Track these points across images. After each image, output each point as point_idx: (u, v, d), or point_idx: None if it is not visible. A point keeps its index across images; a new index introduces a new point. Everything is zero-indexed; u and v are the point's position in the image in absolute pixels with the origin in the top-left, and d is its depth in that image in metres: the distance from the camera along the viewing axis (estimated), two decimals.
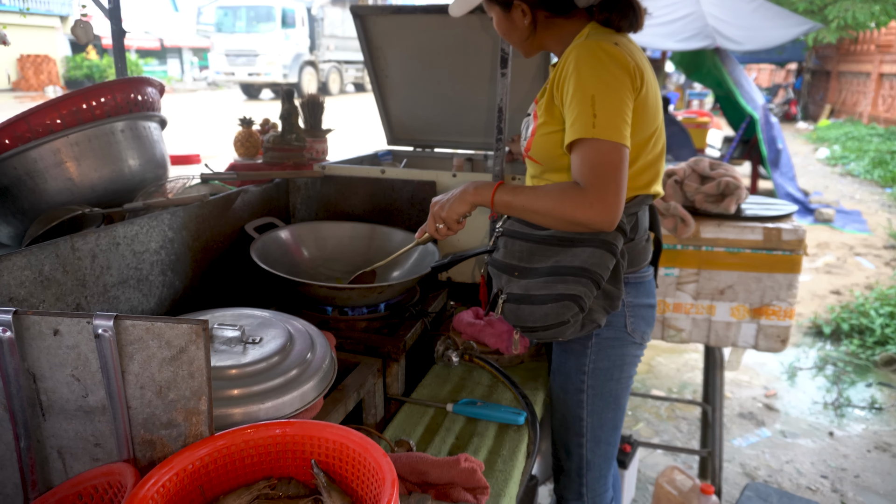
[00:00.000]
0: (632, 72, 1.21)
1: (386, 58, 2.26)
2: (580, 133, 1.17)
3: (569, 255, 1.27)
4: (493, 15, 1.39)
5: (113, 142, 1.68)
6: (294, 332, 1.24)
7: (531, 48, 1.42)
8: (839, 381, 3.75)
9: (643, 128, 1.28)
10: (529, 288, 1.29)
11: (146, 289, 1.37)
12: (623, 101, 1.19)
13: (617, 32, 1.30)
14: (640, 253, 1.42)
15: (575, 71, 1.20)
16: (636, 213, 1.37)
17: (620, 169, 1.16)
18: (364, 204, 1.94)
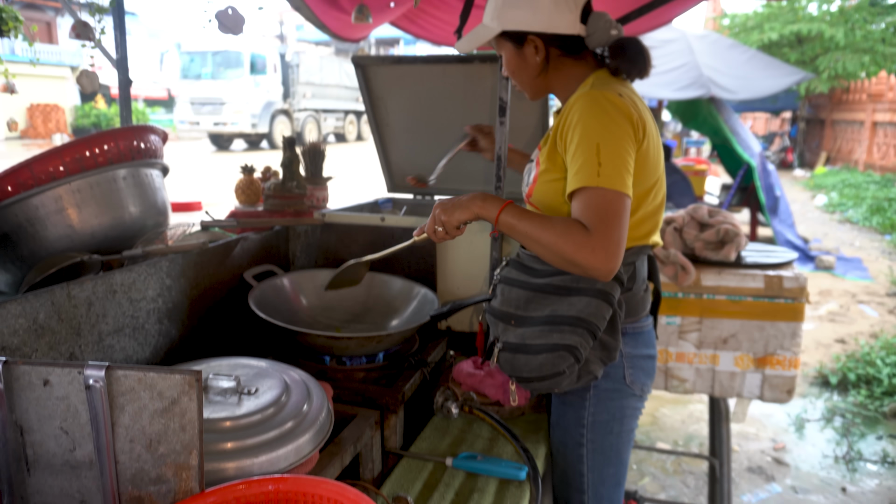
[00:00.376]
0: (635, 123, 1.22)
1: (387, 107, 2.30)
2: (584, 181, 1.17)
3: (565, 304, 1.26)
4: (504, 52, 1.38)
5: (115, 189, 1.69)
6: (291, 383, 1.21)
7: (539, 89, 1.41)
8: (849, 433, 3.66)
9: (644, 179, 1.28)
10: (525, 337, 1.28)
11: (142, 337, 1.35)
12: (626, 151, 1.20)
13: (621, 82, 1.30)
14: (639, 303, 1.40)
15: (580, 120, 1.21)
16: (634, 263, 1.36)
17: (623, 218, 1.16)
18: (364, 251, 1.92)
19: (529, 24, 1.30)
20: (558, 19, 1.30)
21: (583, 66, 1.35)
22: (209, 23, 1.73)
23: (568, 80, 1.36)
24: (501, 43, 1.37)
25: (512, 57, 1.37)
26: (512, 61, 1.38)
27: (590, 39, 1.32)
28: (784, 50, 14.76)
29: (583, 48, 1.34)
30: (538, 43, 1.32)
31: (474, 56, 2.08)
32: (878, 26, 13.78)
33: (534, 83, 1.39)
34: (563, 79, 1.37)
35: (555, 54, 1.34)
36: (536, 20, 1.30)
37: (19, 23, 2.17)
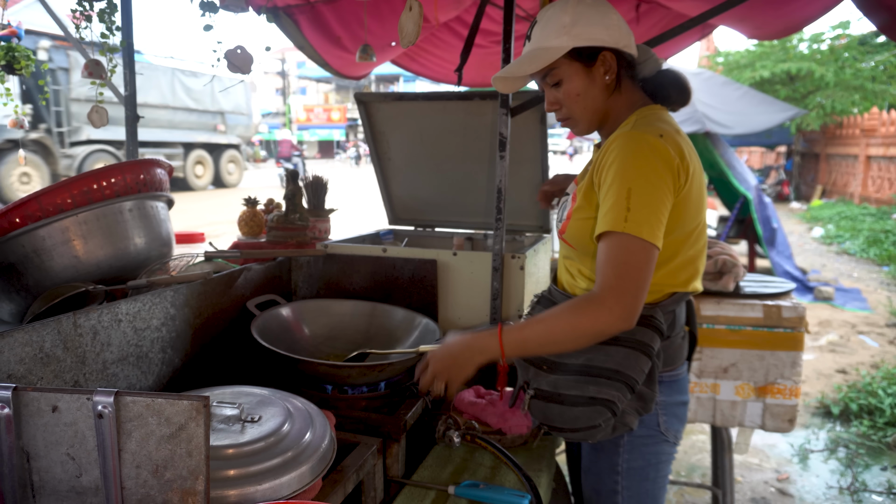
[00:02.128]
0: (675, 169, 1.17)
1: (388, 142, 2.35)
2: (610, 225, 1.13)
3: (602, 353, 1.21)
4: (567, 76, 1.28)
5: (120, 220, 1.72)
6: (293, 411, 1.22)
7: (597, 116, 1.32)
8: (853, 464, 3.62)
9: (684, 223, 1.23)
10: (559, 385, 1.22)
11: (145, 366, 1.36)
12: (660, 199, 1.15)
13: (664, 119, 1.26)
14: (677, 351, 1.36)
15: (615, 161, 1.17)
16: (674, 311, 1.30)
17: (644, 270, 1.12)
18: (365, 282, 1.95)
19: (604, 38, 1.25)
20: (627, 38, 1.27)
21: (635, 92, 1.32)
22: (218, 62, 1.79)
23: (621, 109, 1.31)
24: (566, 65, 1.28)
25: (579, 79, 1.28)
26: (578, 84, 1.29)
27: (642, 67, 1.32)
28: (776, 87, 15.04)
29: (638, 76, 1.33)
30: (611, 60, 1.26)
31: (474, 93, 2.14)
32: (868, 65, 14.08)
33: (597, 109, 1.31)
34: (618, 106, 1.32)
35: (623, 74, 1.30)
36: (610, 36, 1.25)
37: (31, 61, 2.23)
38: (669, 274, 1.26)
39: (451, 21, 3.65)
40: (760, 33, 3.54)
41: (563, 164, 31.34)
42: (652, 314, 1.24)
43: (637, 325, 1.19)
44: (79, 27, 1.95)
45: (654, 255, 1.14)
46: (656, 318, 1.24)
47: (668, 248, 1.23)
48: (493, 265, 1.80)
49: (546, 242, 2.29)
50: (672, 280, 1.26)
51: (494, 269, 1.80)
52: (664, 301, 1.27)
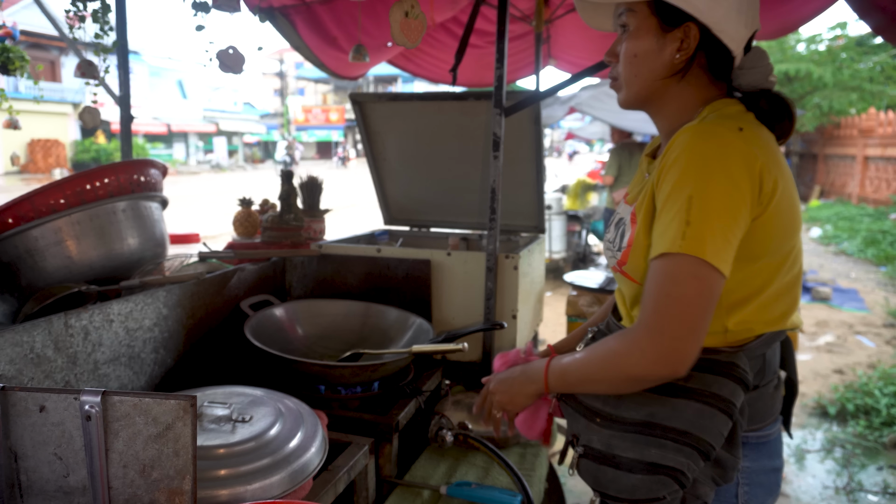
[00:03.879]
0: (757, 172, 0.92)
1: (384, 142, 2.35)
2: (666, 246, 0.90)
3: (668, 408, 0.97)
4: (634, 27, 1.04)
5: (114, 221, 1.72)
6: (285, 411, 1.22)
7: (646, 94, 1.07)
8: (849, 464, 3.63)
9: (776, 244, 0.98)
10: (613, 444, 1.00)
11: (137, 366, 1.36)
12: (732, 210, 0.90)
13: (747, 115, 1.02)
14: (767, 404, 1.08)
15: (678, 160, 0.93)
16: (764, 355, 1.04)
17: (696, 304, 0.89)
18: (360, 282, 1.95)
19: (700, 8, 0.98)
20: (732, 24, 0.99)
21: (711, 89, 1.06)
22: (210, 62, 1.79)
23: (688, 104, 1.06)
24: (643, 14, 1.03)
25: (647, 37, 1.03)
26: (644, 42, 1.03)
27: (743, 74, 1.05)
28: None
29: (727, 77, 1.05)
30: (692, 36, 1.00)
31: (469, 93, 2.14)
32: (866, 65, 14.10)
33: (647, 84, 1.06)
34: (683, 99, 1.06)
35: (699, 62, 1.03)
36: (710, 8, 0.97)
37: (25, 62, 2.23)
38: (760, 309, 1.00)
39: (447, 21, 3.66)
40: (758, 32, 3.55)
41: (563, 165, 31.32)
42: (734, 361, 0.99)
43: (714, 374, 0.98)
44: (72, 28, 1.95)
45: (716, 284, 0.89)
46: (740, 365, 0.99)
47: (756, 277, 0.98)
48: (487, 265, 1.80)
49: (541, 242, 2.29)
50: (763, 316, 1.00)
51: (488, 269, 1.80)
52: (752, 343, 1.01)
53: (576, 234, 7.50)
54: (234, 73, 1.77)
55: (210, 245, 2.04)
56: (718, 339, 1.01)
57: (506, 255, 1.85)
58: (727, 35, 1.00)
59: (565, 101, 7.76)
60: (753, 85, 1.04)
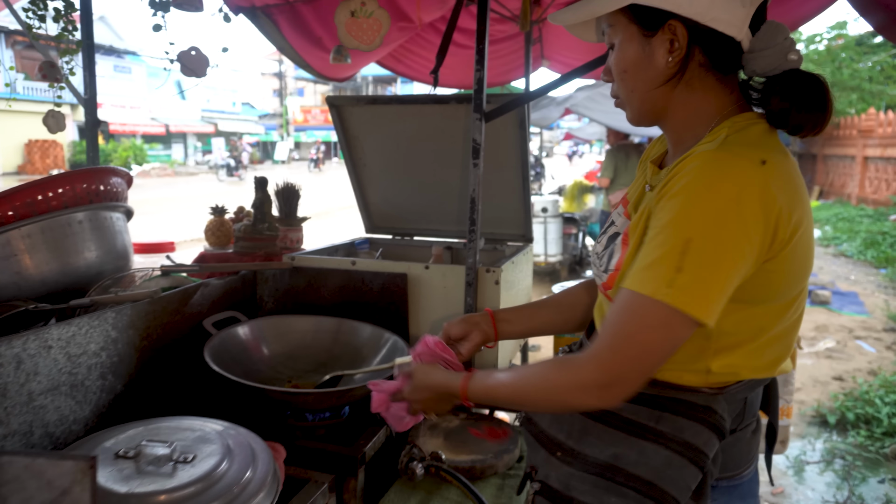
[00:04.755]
0: (774, 218, 0.80)
1: (363, 147, 2.25)
2: (648, 287, 0.80)
3: (635, 450, 0.89)
4: (619, 40, 0.94)
5: (69, 233, 1.62)
6: (234, 447, 1.12)
7: (652, 108, 0.95)
8: (849, 476, 3.53)
9: (783, 290, 0.87)
10: (571, 485, 0.92)
11: (81, 395, 1.26)
12: (736, 263, 0.79)
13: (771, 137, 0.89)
14: (743, 450, 0.98)
15: (685, 190, 0.80)
16: (745, 399, 0.95)
17: (660, 353, 0.81)
18: (333, 297, 1.85)
19: (678, 3, 0.86)
20: (723, 9, 0.86)
21: (724, 95, 0.92)
22: (171, 64, 1.68)
23: (697, 111, 0.92)
24: (623, 25, 0.93)
25: (632, 48, 0.92)
26: (629, 54, 0.93)
27: (754, 58, 0.89)
28: None
29: (737, 66, 0.92)
30: (680, 34, 0.88)
31: (450, 97, 2.04)
32: (865, 65, 14.02)
33: (647, 97, 0.94)
34: (691, 106, 0.93)
35: (697, 62, 0.90)
36: (691, 1, 0.86)
37: None
38: (750, 354, 0.89)
39: (436, 21, 3.56)
40: None
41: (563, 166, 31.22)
42: (712, 405, 0.89)
43: (689, 419, 0.89)
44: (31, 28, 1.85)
45: (688, 332, 0.81)
46: (718, 411, 0.89)
47: (754, 321, 0.88)
48: (467, 280, 1.70)
49: (528, 253, 2.19)
50: (752, 362, 0.90)
51: (468, 283, 1.70)
52: (734, 387, 0.91)
53: (572, 236, 7.39)
54: (197, 76, 1.66)
55: (174, 258, 1.94)
56: (700, 378, 0.91)
57: (487, 268, 1.75)
58: (722, 22, 0.87)
59: (561, 102, 7.66)
60: (771, 68, 0.88)
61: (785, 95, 0.87)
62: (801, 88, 0.86)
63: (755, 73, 0.91)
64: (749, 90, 0.94)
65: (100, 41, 23.56)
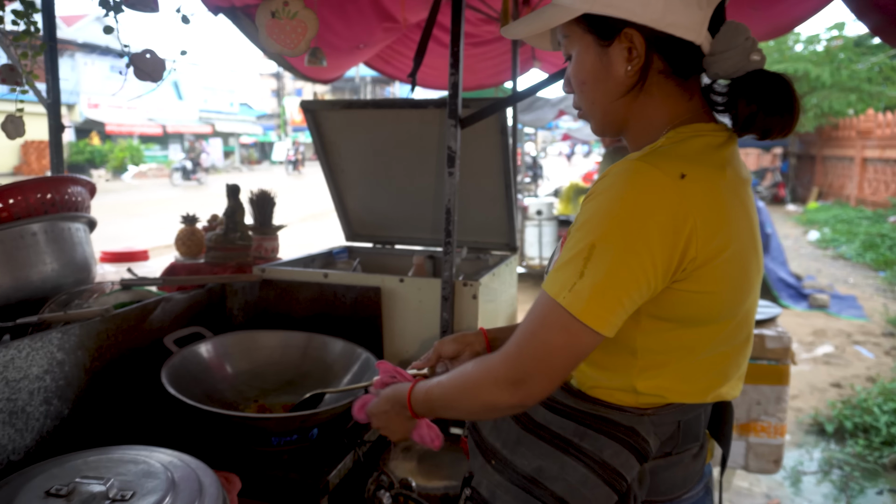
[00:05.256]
0: (683, 236, 0.77)
1: (340, 152, 2.16)
2: (553, 290, 0.79)
3: (557, 465, 0.89)
4: (577, 51, 0.91)
5: (21, 246, 1.54)
6: (179, 482, 1.03)
7: (614, 118, 0.92)
8: (847, 487, 3.44)
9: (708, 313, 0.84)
10: (497, 495, 0.93)
11: (21, 422, 1.17)
12: (635, 274, 0.77)
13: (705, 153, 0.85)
14: (681, 475, 0.94)
15: (600, 195, 0.80)
16: (679, 422, 0.91)
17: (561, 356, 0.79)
18: (305, 311, 1.77)
19: (632, 10, 0.83)
20: (679, 13, 0.83)
21: (682, 102, 0.89)
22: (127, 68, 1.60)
23: (653, 119, 0.89)
24: (578, 36, 0.90)
25: (589, 59, 0.89)
26: (587, 65, 0.89)
27: (716, 61, 0.85)
28: None
29: (697, 70, 0.88)
30: (637, 42, 0.85)
31: (428, 101, 1.95)
32: (864, 66, 13.96)
33: (608, 109, 0.91)
34: (645, 117, 0.90)
35: (656, 68, 0.87)
36: (645, 4, 0.82)
37: None
38: (678, 377, 0.87)
39: (423, 21, 3.48)
40: None
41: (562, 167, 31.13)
42: (635, 427, 0.87)
43: (610, 438, 0.87)
44: None
45: (588, 341, 0.79)
46: (640, 433, 0.87)
47: (679, 342, 0.86)
48: (443, 294, 1.62)
49: (511, 263, 2.11)
50: (680, 386, 0.87)
51: (444, 298, 1.61)
52: (661, 410, 0.89)
53: None
54: (153, 80, 1.58)
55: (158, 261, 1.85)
56: (629, 397, 0.89)
57: (464, 282, 1.66)
58: (679, 27, 0.83)
59: (556, 103, 7.58)
60: (734, 70, 0.85)
61: (751, 98, 0.84)
62: (768, 90, 0.83)
63: (718, 76, 0.88)
64: (712, 94, 0.91)
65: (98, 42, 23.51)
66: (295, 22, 1.26)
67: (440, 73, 4.14)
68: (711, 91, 0.90)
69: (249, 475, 1.25)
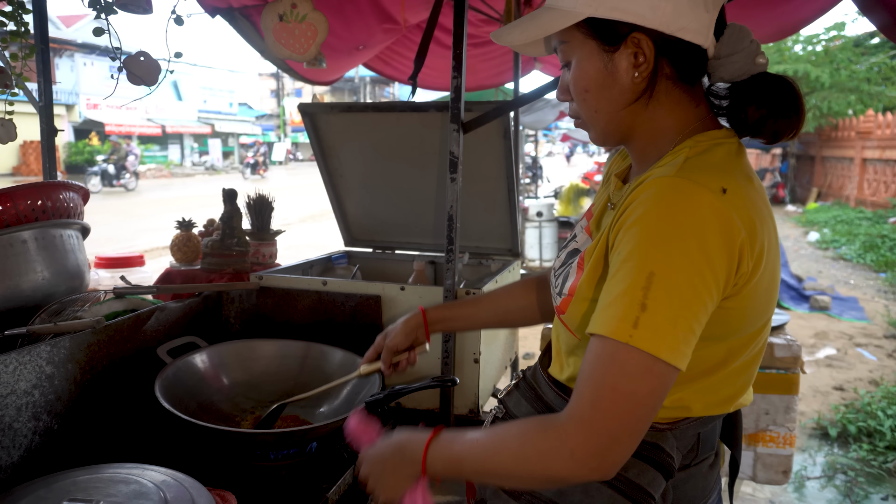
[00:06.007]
0: (737, 250, 0.74)
1: (339, 156, 2.12)
2: (611, 329, 0.72)
3: (580, 488, 0.85)
4: (578, 58, 0.86)
5: (11, 254, 1.49)
6: (172, 502, 0.99)
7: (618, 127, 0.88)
8: (851, 492, 3.41)
9: (744, 326, 0.82)
10: None
11: (8, 440, 1.13)
12: (702, 297, 0.72)
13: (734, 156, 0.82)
14: (699, 485, 0.92)
15: (642, 221, 0.74)
16: (699, 434, 0.89)
17: (645, 405, 0.72)
18: (303, 318, 1.73)
19: (640, 10, 0.79)
20: (688, 16, 0.79)
21: (690, 108, 0.86)
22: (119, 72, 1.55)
23: (662, 128, 0.86)
24: (579, 41, 0.85)
25: (592, 66, 0.84)
26: (591, 73, 0.84)
27: (721, 65, 0.83)
28: None
29: (703, 75, 0.86)
30: (646, 48, 0.81)
31: (429, 104, 1.91)
32: (863, 66, 13.94)
33: (613, 118, 0.87)
34: (657, 123, 0.86)
35: (664, 74, 0.83)
36: (654, 6, 0.78)
37: None
38: (704, 390, 0.84)
39: (423, 23, 3.43)
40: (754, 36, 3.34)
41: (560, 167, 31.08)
42: (659, 443, 0.85)
43: (634, 457, 0.83)
44: None
45: (670, 381, 0.73)
46: (665, 449, 0.85)
47: (711, 358, 0.82)
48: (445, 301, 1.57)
49: (514, 269, 2.07)
50: (706, 398, 0.85)
51: None
52: (684, 423, 0.86)
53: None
54: (147, 84, 1.54)
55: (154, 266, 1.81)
56: None
57: (466, 290, 1.62)
58: (689, 31, 0.80)
59: (556, 104, 7.53)
60: (739, 74, 0.83)
61: (760, 103, 0.82)
62: (775, 93, 0.82)
63: (722, 80, 0.85)
64: (714, 98, 0.88)
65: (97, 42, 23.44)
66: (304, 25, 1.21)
67: (440, 73, 4.10)
68: (713, 95, 0.88)
69: (246, 492, 1.21)
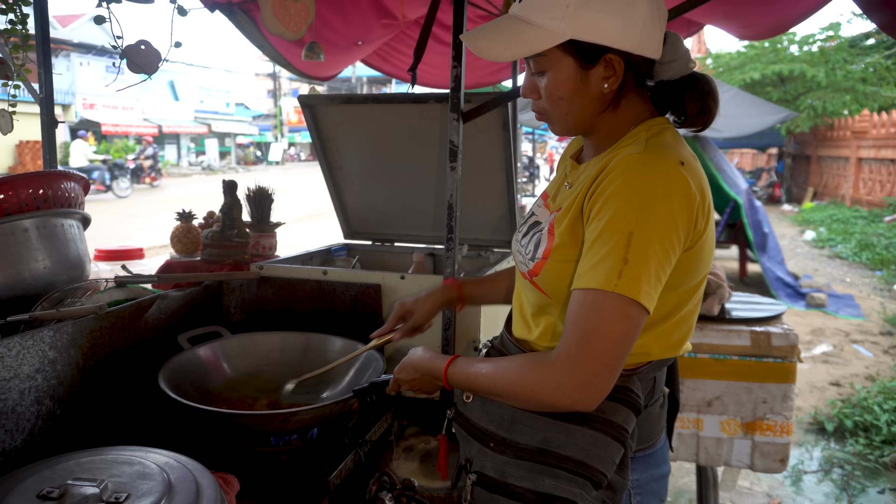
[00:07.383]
0: (695, 210, 0.91)
1: (338, 148, 2.13)
2: (600, 282, 0.86)
3: (563, 433, 0.95)
4: (553, 70, 0.97)
5: (12, 242, 1.50)
6: (175, 483, 1.00)
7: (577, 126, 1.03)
8: (848, 486, 3.43)
9: (693, 275, 0.97)
10: (507, 472, 0.97)
11: (11, 423, 1.14)
12: (667, 252, 0.88)
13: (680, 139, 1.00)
14: (654, 423, 1.08)
15: (619, 191, 0.88)
16: (654, 378, 1.05)
17: (623, 343, 0.86)
18: (304, 308, 1.73)
19: (616, 37, 0.92)
20: (650, 37, 0.95)
21: (641, 103, 1.03)
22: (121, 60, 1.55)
23: (620, 122, 1.02)
24: (556, 56, 0.96)
25: (568, 78, 0.96)
26: (566, 84, 0.97)
27: (665, 69, 1.00)
28: (767, 89, 14.92)
29: (650, 76, 1.02)
30: (618, 66, 0.95)
31: (428, 95, 1.92)
32: (858, 66, 14.00)
33: (582, 119, 1.01)
34: (616, 119, 1.02)
35: (627, 83, 0.99)
36: (627, 34, 0.92)
37: None
38: (660, 336, 0.99)
39: (421, 18, 3.44)
40: (749, 32, 3.34)
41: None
42: (628, 385, 0.98)
43: (609, 399, 0.94)
44: None
45: (640, 323, 0.87)
46: (633, 390, 0.98)
47: (666, 306, 0.96)
48: None
49: (512, 261, 2.08)
50: (662, 342, 1.00)
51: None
52: (646, 367, 1.01)
53: None
54: (147, 72, 1.54)
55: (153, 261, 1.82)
56: None
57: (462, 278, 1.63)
58: (650, 49, 0.97)
59: None
60: (678, 74, 1.01)
61: (698, 97, 1.00)
62: (706, 89, 1.00)
63: (662, 79, 1.02)
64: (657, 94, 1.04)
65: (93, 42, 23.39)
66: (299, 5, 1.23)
67: (439, 70, 4.11)
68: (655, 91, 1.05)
69: (248, 476, 1.22)
